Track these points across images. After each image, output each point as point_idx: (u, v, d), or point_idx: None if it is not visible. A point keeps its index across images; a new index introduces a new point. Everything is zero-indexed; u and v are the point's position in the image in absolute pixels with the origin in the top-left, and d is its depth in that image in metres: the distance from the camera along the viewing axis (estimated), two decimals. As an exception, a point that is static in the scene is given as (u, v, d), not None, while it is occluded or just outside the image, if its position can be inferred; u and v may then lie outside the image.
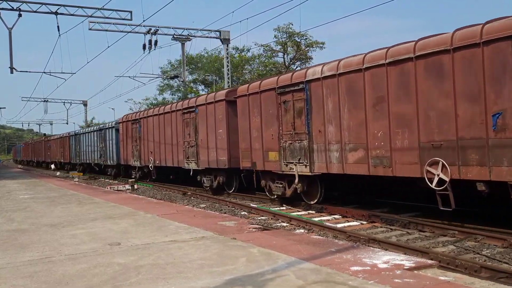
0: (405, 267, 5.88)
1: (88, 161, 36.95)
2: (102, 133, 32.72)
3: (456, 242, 8.80)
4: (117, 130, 29.56)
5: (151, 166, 23.96)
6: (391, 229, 10.34)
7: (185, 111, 19.82)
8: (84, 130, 40.30)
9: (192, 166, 19.19)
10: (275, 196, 14.79)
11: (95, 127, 36.82)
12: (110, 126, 31.45)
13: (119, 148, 29.16)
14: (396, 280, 5.27)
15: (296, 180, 13.35)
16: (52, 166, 47.70)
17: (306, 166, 13.00)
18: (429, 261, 6.65)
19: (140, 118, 25.49)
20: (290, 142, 13.71)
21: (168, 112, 21.82)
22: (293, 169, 13.50)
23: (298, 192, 13.56)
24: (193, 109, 19.00)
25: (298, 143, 13.38)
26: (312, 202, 13.49)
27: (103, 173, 33.65)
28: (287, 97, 13.75)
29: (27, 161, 77.28)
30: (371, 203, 13.08)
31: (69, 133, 44.47)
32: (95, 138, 34.51)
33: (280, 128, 14.08)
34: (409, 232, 9.90)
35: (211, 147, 17.82)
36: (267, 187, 15.12)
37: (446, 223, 9.89)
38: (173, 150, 21.24)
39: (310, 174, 12.95)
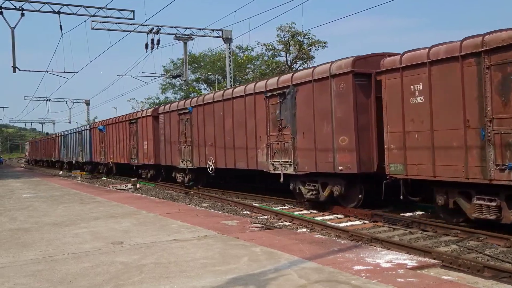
0: (408, 267, 5.88)
1: None
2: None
3: (458, 241, 8.79)
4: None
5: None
6: (394, 228, 10.33)
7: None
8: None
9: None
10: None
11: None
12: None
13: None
14: (399, 280, 5.27)
15: None
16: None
17: None
18: (432, 261, 6.63)
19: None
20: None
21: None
22: None
23: None
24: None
25: None
26: None
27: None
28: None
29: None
30: (373, 203, 12.99)
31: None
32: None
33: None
34: (411, 231, 9.88)
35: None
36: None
37: (448, 223, 9.87)
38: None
39: None
